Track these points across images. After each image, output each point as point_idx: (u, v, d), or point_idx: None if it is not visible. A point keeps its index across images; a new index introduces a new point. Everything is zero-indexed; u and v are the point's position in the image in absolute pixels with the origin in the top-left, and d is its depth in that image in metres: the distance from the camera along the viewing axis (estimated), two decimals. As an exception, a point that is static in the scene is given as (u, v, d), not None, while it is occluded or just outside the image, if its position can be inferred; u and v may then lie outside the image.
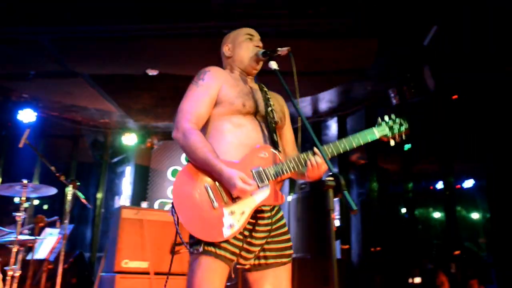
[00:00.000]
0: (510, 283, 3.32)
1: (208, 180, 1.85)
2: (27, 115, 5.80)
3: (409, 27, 3.89)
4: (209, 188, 1.81)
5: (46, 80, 5.49)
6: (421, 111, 4.75)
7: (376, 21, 3.91)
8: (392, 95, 4.33)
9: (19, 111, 5.78)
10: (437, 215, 7.25)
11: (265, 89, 2.14)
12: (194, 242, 1.78)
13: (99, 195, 6.71)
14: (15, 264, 3.63)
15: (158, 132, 6.74)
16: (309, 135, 1.72)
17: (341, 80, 4.96)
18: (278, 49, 1.88)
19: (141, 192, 6.42)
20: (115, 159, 7.14)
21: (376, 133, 2.01)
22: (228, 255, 1.79)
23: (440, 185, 5.83)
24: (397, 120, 2.09)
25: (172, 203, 1.82)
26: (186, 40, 4.37)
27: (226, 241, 1.77)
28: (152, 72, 4.96)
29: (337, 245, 5.14)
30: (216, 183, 1.83)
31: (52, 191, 4.06)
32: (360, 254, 5.00)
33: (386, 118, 2.08)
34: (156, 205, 5.95)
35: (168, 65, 4.93)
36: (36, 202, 7.01)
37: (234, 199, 1.81)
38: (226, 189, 1.82)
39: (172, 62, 4.88)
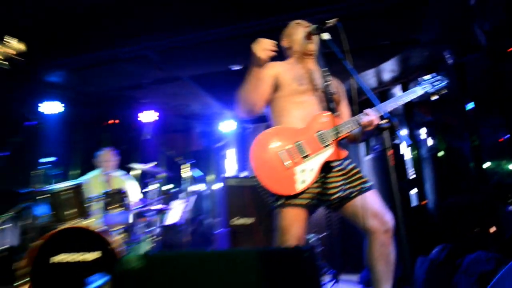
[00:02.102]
0: None
1: (278, 147, 2.03)
2: (148, 117, 6.50)
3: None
4: (279, 153, 2.01)
5: (157, 86, 5.90)
6: (478, 69, 4.58)
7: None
8: (448, 56, 4.31)
9: (143, 114, 6.54)
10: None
11: (325, 70, 2.25)
12: (276, 198, 2.00)
13: (210, 176, 7.25)
14: (153, 227, 4.28)
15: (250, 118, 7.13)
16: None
17: (398, 50, 4.86)
18: (327, 21, 1.95)
19: (243, 167, 6.87)
20: (220, 144, 7.40)
21: (418, 91, 2.16)
22: (304, 202, 1.99)
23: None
24: (437, 77, 2.20)
25: (253, 169, 2.02)
26: (258, 35, 4.51)
27: (303, 192, 1.96)
28: (235, 67, 5.23)
29: (414, 197, 5.13)
30: (287, 147, 2.01)
31: (171, 173, 4.76)
32: (435, 202, 4.90)
33: (428, 76, 2.21)
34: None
35: (248, 60, 5.15)
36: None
37: (304, 157, 1.99)
38: (296, 151, 2.00)
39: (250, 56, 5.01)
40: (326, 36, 1.99)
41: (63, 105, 5.96)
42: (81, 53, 4.98)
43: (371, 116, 2.00)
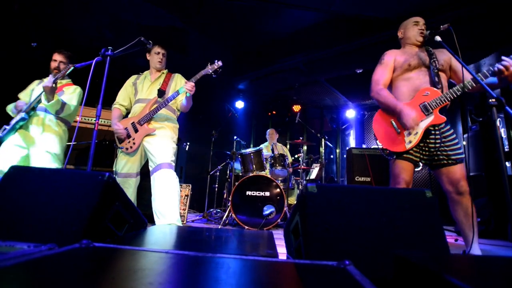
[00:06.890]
0: None
1: (392, 118, 1.94)
2: (297, 109, 6.42)
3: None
4: (393, 122, 1.92)
5: (303, 88, 5.84)
6: None
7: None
8: None
9: (293, 107, 6.51)
10: None
11: (430, 49, 1.99)
12: (390, 153, 1.92)
13: (338, 149, 7.02)
14: (301, 179, 4.41)
15: (367, 105, 6.63)
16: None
17: (496, 47, 4.00)
18: (441, 26, 1.76)
19: (361, 141, 6.61)
20: (344, 126, 7.14)
21: None
22: (411, 157, 1.86)
23: None
24: None
25: (374, 135, 1.99)
26: (377, 46, 4.14)
27: (410, 150, 1.86)
28: (359, 70, 4.98)
29: (508, 168, 4.20)
30: (398, 119, 1.90)
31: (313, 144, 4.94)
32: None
33: None
34: (371, 146, 6.07)
35: (368, 64, 4.70)
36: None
37: None
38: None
39: (370, 61, 4.40)
40: (438, 38, 1.74)
41: (243, 102, 6.44)
42: (257, 70, 5.26)
43: (507, 62, 1.66)
